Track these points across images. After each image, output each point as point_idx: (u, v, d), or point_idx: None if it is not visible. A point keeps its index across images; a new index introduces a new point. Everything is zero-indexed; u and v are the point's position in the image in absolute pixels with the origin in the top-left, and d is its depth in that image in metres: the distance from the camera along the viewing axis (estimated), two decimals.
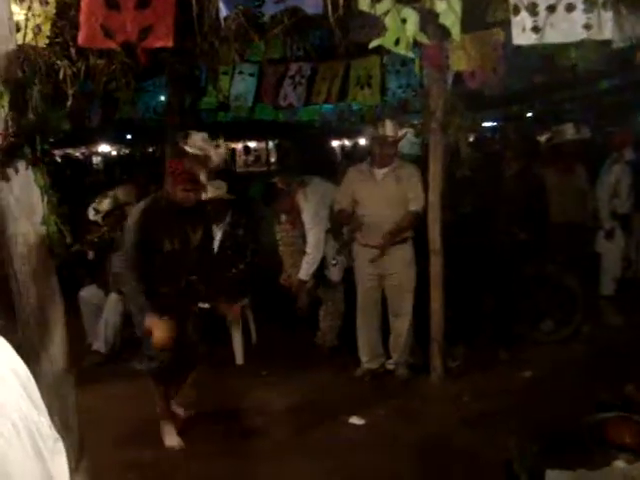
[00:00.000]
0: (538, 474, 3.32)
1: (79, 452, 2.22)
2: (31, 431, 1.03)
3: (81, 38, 2.80)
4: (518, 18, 3.40)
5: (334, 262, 5.63)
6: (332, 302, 5.76)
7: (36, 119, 2.18)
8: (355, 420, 4.44)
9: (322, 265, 5.61)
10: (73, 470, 2.17)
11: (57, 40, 3.76)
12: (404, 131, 5.22)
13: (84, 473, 2.22)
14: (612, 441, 3.70)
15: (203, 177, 3.96)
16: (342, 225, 5.36)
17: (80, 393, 4.66)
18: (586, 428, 3.92)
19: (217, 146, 4.06)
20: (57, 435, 1.14)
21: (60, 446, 1.14)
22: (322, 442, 4.17)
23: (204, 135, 4.02)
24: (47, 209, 2.29)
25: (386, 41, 2.84)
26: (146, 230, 3.94)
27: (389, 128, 4.95)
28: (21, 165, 2.23)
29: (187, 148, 3.92)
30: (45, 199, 2.28)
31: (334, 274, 5.67)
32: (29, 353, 2.20)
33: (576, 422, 4.00)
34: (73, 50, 3.88)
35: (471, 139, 11.86)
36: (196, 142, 3.93)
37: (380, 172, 5.10)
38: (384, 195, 5.04)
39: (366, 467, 3.82)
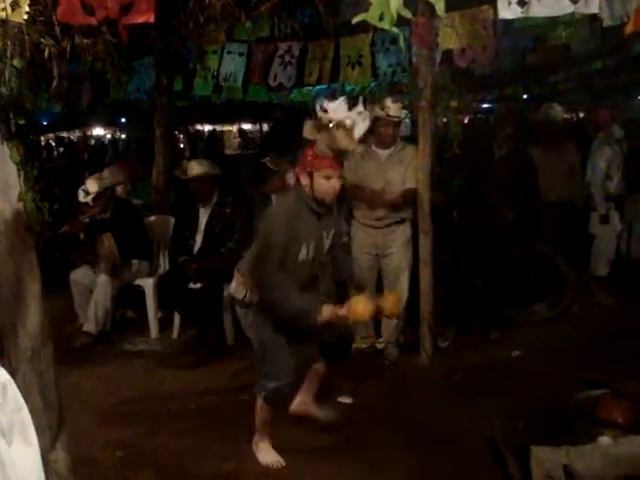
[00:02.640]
0: (523, 451, 3.35)
1: (58, 428, 2.21)
2: None
3: (60, 13, 2.77)
4: None
5: None
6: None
7: (9, 94, 2.17)
8: (344, 399, 4.44)
9: None
10: (51, 446, 2.18)
11: (41, 18, 3.73)
12: (406, 112, 5.16)
13: (63, 450, 2.22)
14: (598, 418, 3.72)
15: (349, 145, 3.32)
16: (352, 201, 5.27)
17: (70, 373, 4.77)
18: (573, 405, 3.95)
19: (359, 113, 3.38)
20: None
21: None
22: (311, 421, 4.16)
23: (343, 100, 3.39)
24: (24, 185, 2.27)
25: (370, 16, 2.80)
26: (286, 235, 3.40)
27: (394, 109, 4.90)
28: None
29: (327, 116, 3.31)
30: (22, 175, 2.27)
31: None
32: (7, 329, 2.20)
33: (563, 400, 4.03)
34: (58, 29, 3.85)
35: (465, 120, 11.84)
36: (337, 110, 3.33)
37: (384, 153, 5.05)
38: (387, 176, 5.01)
39: (353, 446, 3.83)
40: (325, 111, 3.32)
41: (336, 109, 3.31)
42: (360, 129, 3.36)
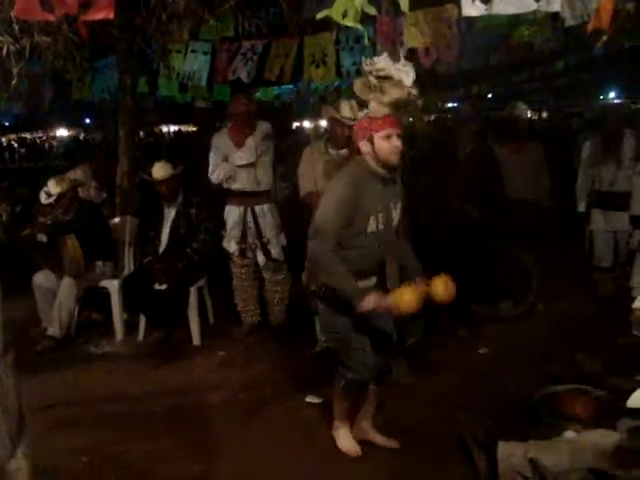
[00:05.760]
0: (490, 447, 3.38)
1: (19, 435, 2.16)
2: None
3: (17, 9, 2.71)
4: None
5: (275, 240, 5.59)
6: (276, 282, 5.69)
7: None
8: (311, 399, 4.42)
9: (264, 245, 5.55)
10: (12, 455, 2.12)
11: None
12: (364, 112, 5.14)
13: (25, 458, 2.16)
14: (562, 413, 3.79)
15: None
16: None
17: (34, 378, 4.69)
18: (537, 401, 4.00)
19: (404, 65, 3.34)
20: None
21: None
22: (278, 422, 4.15)
23: (385, 55, 3.35)
24: None
25: (334, 12, 2.80)
26: (353, 205, 3.29)
27: (347, 109, 4.87)
28: None
29: (375, 69, 3.26)
30: None
31: (277, 253, 5.61)
32: None
33: (529, 396, 4.08)
34: (16, 26, 3.77)
35: (431, 119, 11.92)
36: (382, 63, 3.28)
37: (340, 153, 5.04)
38: None
39: (322, 446, 3.81)
40: (371, 66, 3.29)
41: (381, 62, 3.28)
42: (408, 79, 3.30)
